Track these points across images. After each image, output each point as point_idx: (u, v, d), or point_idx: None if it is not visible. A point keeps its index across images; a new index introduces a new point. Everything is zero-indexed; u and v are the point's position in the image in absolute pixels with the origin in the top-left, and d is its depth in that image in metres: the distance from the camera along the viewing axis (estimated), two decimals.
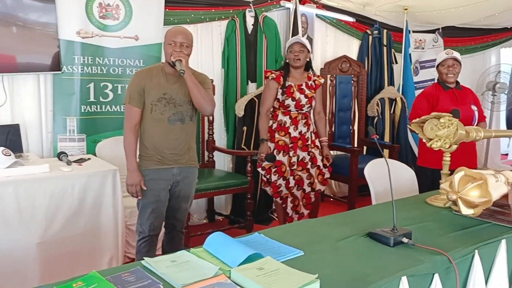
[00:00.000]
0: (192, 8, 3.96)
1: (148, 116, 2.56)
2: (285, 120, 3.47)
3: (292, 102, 3.42)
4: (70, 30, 3.33)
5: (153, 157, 2.59)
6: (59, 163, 3.07)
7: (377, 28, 5.35)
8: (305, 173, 3.55)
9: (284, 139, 3.47)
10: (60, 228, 2.85)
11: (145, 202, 2.61)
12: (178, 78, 2.55)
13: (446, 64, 3.29)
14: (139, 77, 2.57)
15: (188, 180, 2.71)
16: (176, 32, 2.53)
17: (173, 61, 2.44)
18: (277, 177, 3.50)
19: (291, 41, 3.44)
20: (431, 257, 1.59)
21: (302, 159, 3.53)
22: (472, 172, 1.88)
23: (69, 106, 3.42)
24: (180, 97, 2.57)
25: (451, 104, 3.26)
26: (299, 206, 3.62)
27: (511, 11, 5.42)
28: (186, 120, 2.61)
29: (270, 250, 1.67)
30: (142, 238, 2.65)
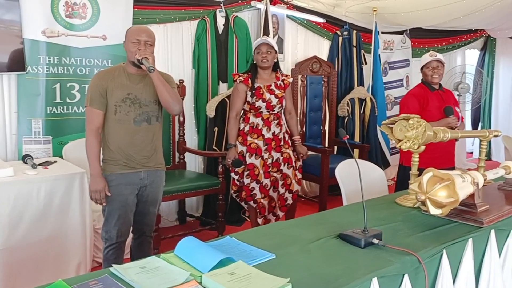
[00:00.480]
0: (161, 7, 3.91)
1: (112, 117, 2.47)
2: (257, 122, 3.44)
3: (262, 103, 3.41)
4: (35, 29, 3.23)
5: (119, 161, 2.50)
6: (24, 167, 2.98)
7: (347, 29, 5.42)
8: (279, 174, 3.53)
9: (257, 142, 3.44)
10: (24, 234, 2.76)
11: (112, 208, 2.52)
12: (142, 77, 2.50)
13: (430, 66, 3.36)
14: (100, 78, 2.49)
15: (156, 184, 2.64)
16: (140, 30, 2.47)
17: (139, 59, 2.36)
18: (250, 180, 3.46)
19: (258, 42, 3.41)
20: (401, 258, 1.61)
21: (276, 160, 3.50)
22: (440, 173, 1.91)
23: (34, 107, 3.32)
24: (145, 97, 2.50)
25: (438, 106, 3.34)
26: (275, 208, 3.59)
27: (475, 14, 5.58)
28: (152, 121, 2.54)
29: (242, 254, 1.65)
30: (110, 245, 2.56)
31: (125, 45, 2.50)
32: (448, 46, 6.89)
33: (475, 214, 2.01)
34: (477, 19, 5.98)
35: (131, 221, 2.61)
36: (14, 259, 2.72)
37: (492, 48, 7.48)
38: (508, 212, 2.11)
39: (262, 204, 3.51)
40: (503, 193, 2.47)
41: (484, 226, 1.95)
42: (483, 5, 5.13)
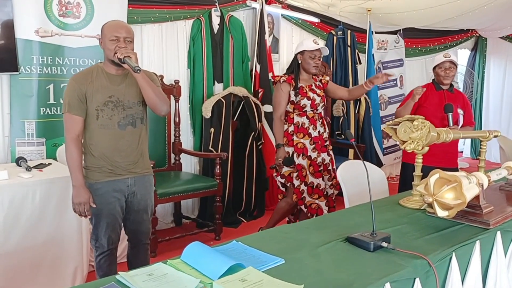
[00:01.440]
0: (156, 6, 3.86)
1: (94, 123, 2.31)
2: (303, 121, 3.36)
3: (308, 101, 3.33)
4: (28, 28, 3.16)
5: (103, 167, 2.36)
6: (18, 169, 2.92)
7: (341, 28, 5.42)
8: (327, 174, 3.45)
9: (303, 141, 3.35)
10: (20, 238, 2.70)
11: (99, 218, 2.39)
12: (123, 77, 2.35)
13: (443, 66, 3.36)
14: (77, 81, 2.30)
15: (145, 191, 2.51)
16: (118, 27, 2.30)
17: (120, 58, 2.19)
18: (299, 182, 3.36)
19: (314, 47, 3.31)
20: (412, 261, 1.59)
21: (322, 160, 3.43)
22: (446, 175, 1.90)
23: (27, 109, 3.25)
24: (128, 98, 2.35)
25: (437, 104, 3.36)
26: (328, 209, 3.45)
27: (468, 15, 5.61)
28: (137, 124, 2.39)
29: (250, 259, 1.62)
30: (102, 253, 2.47)
31: (101, 42, 2.33)
32: (440, 46, 6.93)
33: (481, 215, 2.00)
34: (470, 19, 6.02)
35: (120, 225, 2.51)
36: (10, 263, 2.66)
37: (483, 48, 7.55)
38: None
39: (317, 205, 3.38)
40: (505, 194, 2.47)
41: (490, 228, 1.94)
42: (477, 5, 5.16)
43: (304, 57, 3.34)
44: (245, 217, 4.47)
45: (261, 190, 4.61)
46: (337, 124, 5.31)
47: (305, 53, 3.32)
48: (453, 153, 3.41)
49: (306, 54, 3.32)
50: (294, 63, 3.42)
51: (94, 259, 2.54)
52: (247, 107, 4.37)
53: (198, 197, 4.11)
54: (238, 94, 4.31)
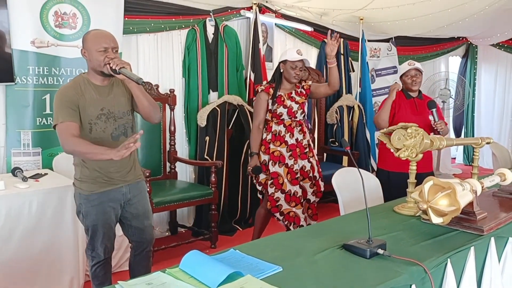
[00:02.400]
0: (151, 16, 3.89)
1: (88, 136, 2.27)
2: (280, 129, 3.39)
3: (284, 109, 3.36)
4: (23, 39, 3.18)
5: (98, 178, 2.35)
6: (14, 180, 2.91)
7: None
8: (307, 182, 3.46)
9: (280, 149, 3.37)
10: (16, 248, 2.69)
11: (96, 228, 2.40)
12: (110, 88, 2.34)
13: (409, 74, 3.45)
14: (66, 94, 2.25)
15: (141, 197, 2.52)
16: (105, 37, 2.26)
17: (115, 69, 2.17)
18: (274, 189, 3.37)
19: (296, 58, 3.32)
20: (408, 268, 1.61)
21: (302, 167, 3.43)
22: (440, 182, 1.93)
23: (23, 119, 3.26)
24: (118, 109, 2.35)
25: (410, 113, 3.43)
26: (305, 218, 3.46)
27: (458, 23, 5.70)
28: (128, 133, 2.40)
29: (248, 267, 1.63)
30: (97, 262, 2.48)
31: (87, 53, 2.27)
32: (432, 53, 7.02)
33: (475, 222, 2.03)
34: (460, 28, 6.11)
35: (115, 234, 2.52)
36: (7, 273, 2.65)
37: (474, 55, 7.65)
38: (506, 219, 2.14)
39: (294, 213, 3.39)
40: (498, 200, 2.50)
41: (484, 234, 1.97)
42: (467, 14, 5.24)
43: (286, 66, 3.36)
44: (240, 225, 4.48)
45: (256, 198, 4.62)
46: (331, 132, 5.35)
47: (287, 63, 3.35)
48: (428, 157, 3.45)
49: (288, 64, 3.34)
50: (276, 72, 3.46)
51: (89, 269, 2.54)
52: (241, 116, 4.40)
53: (194, 205, 4.11)
54: (232, 103, 4.34)
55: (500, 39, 7.07)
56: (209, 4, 4.26)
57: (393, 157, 2.38)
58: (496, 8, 5.23)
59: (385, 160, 3.48)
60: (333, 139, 5.32)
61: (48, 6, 3.25)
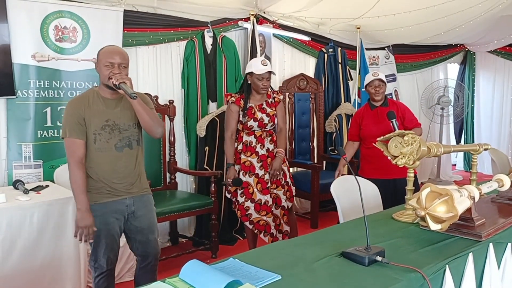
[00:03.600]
0: (150, 29, 3.93)
1: (92, 146, 2.36)
2: (250, 140, 3.44)
3: (254, 122, 3.40)
4: (24, 53, 3.22)
5: (101, 189, 2.41)
6: (15, 192, 2.93)
7: (332, 46, 5.50)
8: (281, 189, 3.51)
9: (250, 159, 3.43)
10: (17, 261, 2.70)
11: (99, 239, 2.42)
12: (118, 101, 2.42)
13: (373, 84, 3.60)
14: (74, 107, 2.36)
15: (146, 210, 2.55)
16: (113, 53, 2.36)
17: (115, 84, 2.26)
18: (244, 199, 3.42)
19: (263, 70, 3.34)
20: (406, 275, 1.62)
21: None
22: (438, 188, 1.94)
23: (24, 132, 3.29)
24: (123, 121, 2.42)
25: (371, 123, 3.58)
26: (281, 225, 3.53)
27: (455, 30, 5.74)
28: (133, 145, 2.46)
29: (247, 275, 1.64)
30: (101, 273, 2.49)
31: (97, 67, 2.40)
32: (430, 61, 7.05)
33: (473, 228, 2.04)
34: (457, 34, 6.15)
35: (119, 246, 2.54)
36: (8, 286, 2.66)
37: (472, 62, 7.68)
38: (504, 225, 2.15)
39: (265, 221, 3.45)
40: (497, 206, 2.51)
41: (482, 240, 1.98)
42: (463, 20, 5.28)
43: (253, 78, 3.37)
44: (241, 235, 4.48)
45: None
46: (330, 140, 5.37)
47: (253, 75, 3.36)
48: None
49: (254, 76, 3.36)
50: (244, 83, 3.47)
51: (93, 280, 2.55)
52: None
53: (194, 215, 4.12)
54: None
55: (498, 45, 7.11)
56: (207, 16, 4.31)
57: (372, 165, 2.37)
58: (492, 14, 5.27)
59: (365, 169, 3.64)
60: (332, 147, 5.34)
61: (49, 20, 3.29)
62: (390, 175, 3.39)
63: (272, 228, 3.48)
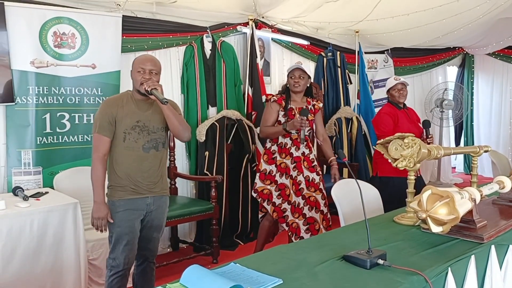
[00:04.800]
0: (149, 34, 3.93)
1: (121, 145, 2.50)
2: (286, 141, 3.42)
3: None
4: (23, 59, 3.22)
5: (126, 186, 2.52)
6: (15, 199, 2.92)
7: (331, 50, 5.52)
8: (319, 193, 3.47)
9: (286, 161, 3.41)
10: (17, 268, 2.69)
11: (120, 234, 2.52)
12: (150, 104, 2.54)
13: (396, 88, 3.77)
14: (109, 105, 2.51)
15: (161, 210, 2.66)
16: (145, 60, 2.51)
17: (147, 90, 2.39)
18: (282, 200, 3.41)
19: (292, 67, 3.43)
20: (408, 278, 1.62)
21: (312, 180, 3.45)
22: (438, 191, 1.93)
23: (23, 138, 3.28)
24: (153, 124, 2.54)
25: (407, 122, 3.69)
26: (320, 230, 3.47)
27: (454, 33, 5.75)
28: (159, 147, 2.58)
29: (249, 280, 1.64)
30: (116, 272, 2.54)
31: (131, 73, 2.54)
32: (429, 64, 7.07)
33: (475, 230, 2.03)
34: (455, 37, 6.16)
35: (136, 247, 2.60)
36: None
37: (471, 65, 7.70)
38: (506, 227, 2.15)
39: (296, 224, 3.42)
40: (498, 208, 2.51)
41: (484, 242, 1.97)
42: (462, 23, 5.30)
43: (288, 78, 3.46)
44: (242, 239, 4.47)
45: (257, 211, 4.61)
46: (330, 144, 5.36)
47: (288, 75, 3.46)
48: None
49: (288, 76, 3.46)
50: (285, 86, 3.55)
51: (106, 279, 2.60)
52: (240, 130, 4.42)
53: (195, 220, 4.11)
54: (231, 117, 4.37)
55: (496, 48, 7.13)
56: (206, 21, 4.32)
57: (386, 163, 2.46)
58: (491, 17, 5.29)
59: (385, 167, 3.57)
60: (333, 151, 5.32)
61: (47, 27, 3.29)
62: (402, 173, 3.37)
63: (302, 232, 3.44)
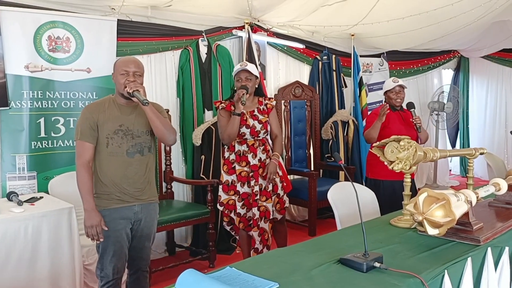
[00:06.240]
0: (144, 38, 3.93)
1: (104, 150, 2.43)
2: (243, 149, 3.33)
3: (247, 129, 3.30)
4: (17, 64, 3.21)
5: (111, 195, 2.46)
6: (9, 204, 2.91)
7: (326, 53, 5.52)
8: (270, 202, 3.39)
9: (246, 169, 3.33)
10: (12, 274, 2.67)
11: (106, 245, 2.45)
12: (133, 108, 2.48)
13: (394, 90, 3.76)
14: (90, 110, 2.45)
15: (150, 218, 2.59)
16: (128, 62, 2.45)
17: (129, 92, 2.34)
18: (246, 210, 3.36)
19: (237, 70, 3.31)
20: (405, 281, 1.61)
21: (265, 188, 3.36)
22: (434, 193, 1.93)
23: (18, 143, 3.26)
24: (137, 127, 2.48)
25: (399, 124, 3.68)
26: (268, 239, 3.43)
27: (448, 36, 5.77)
28: (145, 152, 2.51)
29: (245, 284, 1.62)
30: (106, 283, 2.49)
31: (113, 76, 2.48)
32: (424, 67, 7.09)
33: (471, 232, 2.03)
34: (451, 40, 6.19)
35: (126, 256, 2.54)
36: None
37: (466, 68, 7.73)
38: (502, 229, 2.14)
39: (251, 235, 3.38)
40: (494, 210, 2.51)
41: (481, 244, 1.97)
42: (457, 27, 5.31)
43: (235, 82, 3.36)
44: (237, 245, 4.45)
45: None
46: (326, 147, 5.37)
47: (235, 78, 3.35)
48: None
49: (235, 78, 3.35)
50: (232, 91, 3.45)
51: None
52: None
53: (191, 225, 4.09)
54: None
55: (491, 51, 7.16)
56: (201, 25, 4.31)
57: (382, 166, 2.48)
58: (485, 21, 5.31)
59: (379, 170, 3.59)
60: (329, 154, 5.34)
61: (42, 31, 3.29)
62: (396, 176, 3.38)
63: (257, 243, 3.38)
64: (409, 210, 2.02)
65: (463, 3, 4.45)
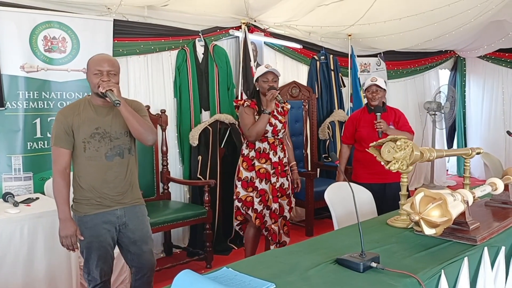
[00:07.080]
0: (141, 39, 3.92)
1: (82, 155, 2.34)
2: (264, 146, 3.38)
3: (270, 127, 3.34)
4: (13, 64, 3.19)
5: (91, 200, 2.37)
6: (5, 205, 2.89)
7: (324, 53, 5.52)
8: (285, 199, 3.48)
9: (265, 166, 3.36)
10: (7, 276, 2.66)
11: (90, 251, 2.39)
12: (110, 109, 2.38)
13: (370, 90, 3.66)
14: (64, 115, 2.34)
15: (139, 221, 2.50)
16: (101, 60, 2.33)
17: (102, 92, 2.25)
18: (262, 206, 3.38)
19: (265, 70, 3.33)
20: (401, 281, 1.61)
21: (281, 185, 3.43)
22: (431, 193, 1.93)
23: (13, 144, 3.25)
24: (115, 129, 2.38)
25: (369, 126, 3.60)
26: (280, 235, 3.48)
27: (445, 37, 5.79)
28: (125, 154, 2.41)
29: (241, 284, 1.62)
30: (95, 286, 2.45)
31: (87, 76, 2.39)
32: (421, 67, 7.10)
33: (468, 232, 2.03)
34: (447, 41, 6.20)
35: (112, 257, 2.49)
36: None
37: (462, 68, 7.75)
38: (498, 229, 2.14)
39: (273, 230, 3.42)
40: (491, 210, 2.51)
41: (477, 244, 1.97)
42: (453, 27, 5.33)
43: (260, 83, 3.36)
44: (235, 244, 4.44)
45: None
46: (324, 147, 5.37)
47: (259, 79, 3.36)
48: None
49: (260, 80, 3.35)
50: (254, 91, 3.46)
51: None
52: (233, 134, 4.40)
53: (188, 225, 4.08)
54: (224, 121, 4.35)
55: (487, 51, 7.17)
56: (198, 25, 4.31)
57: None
58: (482, 21, 5.32)
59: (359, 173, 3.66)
60: (326, 154, 5.34)
61: (38, 31, 3.27)
62: (387, 180, 3.41)
63: (277, 237, 3.45)
64: (405, 210, 2.02)
65: (460, 4, 4.46)
